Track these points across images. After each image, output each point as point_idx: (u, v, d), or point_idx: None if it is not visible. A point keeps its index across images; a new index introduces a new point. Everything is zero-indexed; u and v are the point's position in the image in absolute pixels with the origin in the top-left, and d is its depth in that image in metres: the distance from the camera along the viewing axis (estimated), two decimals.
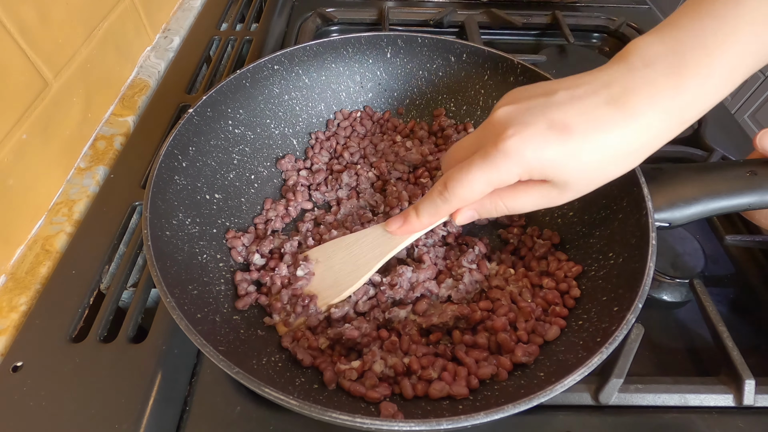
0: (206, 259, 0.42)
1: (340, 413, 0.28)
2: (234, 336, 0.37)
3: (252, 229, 0.48)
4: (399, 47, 0.56)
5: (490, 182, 0.32)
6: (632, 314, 0.32)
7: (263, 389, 0.28)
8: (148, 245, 0.35)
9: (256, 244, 0.46)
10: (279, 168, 0.54)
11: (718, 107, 0.66)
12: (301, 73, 0.55)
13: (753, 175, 0.38)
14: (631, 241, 0.38)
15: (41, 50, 0.48)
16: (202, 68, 0.71)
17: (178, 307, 0.32)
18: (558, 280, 0.42)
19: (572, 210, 0.47)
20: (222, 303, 0.40)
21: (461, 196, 0.33)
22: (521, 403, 0.28)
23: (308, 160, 0.55)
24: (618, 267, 0.38)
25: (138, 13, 0.68)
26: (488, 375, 0.36)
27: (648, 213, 0.37)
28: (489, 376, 0.36)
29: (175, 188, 0.42)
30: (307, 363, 0.38)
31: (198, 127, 0.46)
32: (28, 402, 0.36)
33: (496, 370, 0.36)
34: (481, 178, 0.32)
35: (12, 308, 0.42)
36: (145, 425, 0.36)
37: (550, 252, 0.45)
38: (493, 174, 0.32)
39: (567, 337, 0.37)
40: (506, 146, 0.31)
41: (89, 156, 0.56)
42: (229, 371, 0.29)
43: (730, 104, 1.70)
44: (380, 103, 0.59)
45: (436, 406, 0.34)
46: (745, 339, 0.42)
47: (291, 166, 0.54)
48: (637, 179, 0.39)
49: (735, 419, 0.38)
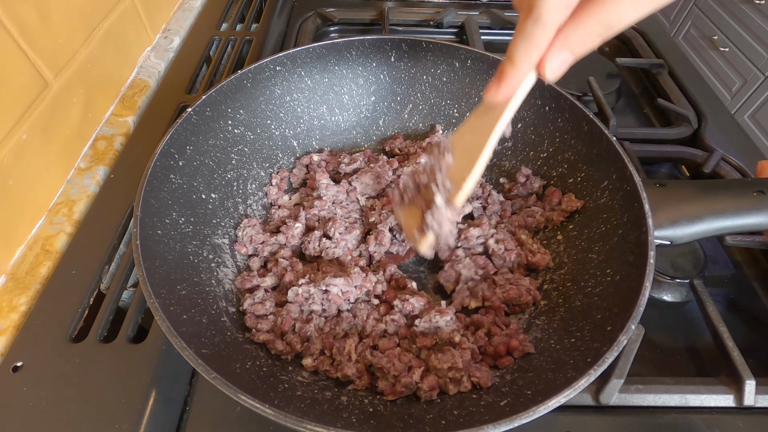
0: (198, 259, 0.42)
1: (315, 424, 0.27)
2: (220, 338, 0.37)
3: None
4: (403, 51, 0.55)
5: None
6: (624, 336, 0.31)
7: (239, 396, 0.28)
8: (136, 244, 0.34)
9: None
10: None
11: (718, 107, 0.67)
12: (304, 74, 0.54)
13: (761, 194, 0.37)
14: (629, 258, 0.37)
15: (41, 50, 0.48)
16: (202, 68, 0.71)
17: (161, 308, 0.31)
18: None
19: (572, 223, 0.47)
20: (211, 304, 0.40)
21: (552, 2, 0.27)
22: (502, 423, 0.28)
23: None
24: (615, 284, 0.38)
25: (138, 14, 0.68)
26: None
27: (648, 230, 0.36)
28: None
29: (170, 187, 0.42)
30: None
31: (197, 127, 0.46)
32: (28, 402, 0.36)
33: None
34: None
35: (12, 308, 0.42)
36: (145, 425, 0.36)
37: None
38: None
39: (558, 355, 0.36)
40: None
41: (89, 156, 0.56)
42: (207, 376, 0.29)
43: (730, 104, 1.70)
44: (383, 107, 0.59)
45: (418, 419, 0.34)
46: (745, 339, 0.42)
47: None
48: (638, 195, 0.38)
49: (735, 419, 0.38)
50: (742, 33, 1.64)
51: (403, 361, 0.38)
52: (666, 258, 0.47)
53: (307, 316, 0.41)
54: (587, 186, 0.46)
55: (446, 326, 0.40)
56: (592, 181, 0.46)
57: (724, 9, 1.71)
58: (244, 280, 0.44)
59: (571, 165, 0.49)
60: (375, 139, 0.60)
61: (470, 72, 0.55)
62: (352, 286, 0.42)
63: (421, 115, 0.59)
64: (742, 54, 1.64)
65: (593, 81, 0.67)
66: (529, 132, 0.52)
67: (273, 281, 0.45)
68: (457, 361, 0.37)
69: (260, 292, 0.43)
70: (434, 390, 0.37)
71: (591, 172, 0.46)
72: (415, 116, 0.59)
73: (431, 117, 0.59)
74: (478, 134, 0.35)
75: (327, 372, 0.39)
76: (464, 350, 0.38)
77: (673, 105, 0.66)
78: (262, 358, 0.38)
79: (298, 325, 0.41)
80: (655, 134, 0.63)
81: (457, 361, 0.37)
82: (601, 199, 0.44)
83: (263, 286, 0.44)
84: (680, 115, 0.64)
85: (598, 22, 0.27)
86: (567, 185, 0.49)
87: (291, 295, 0.42)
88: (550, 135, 0.50)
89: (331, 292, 0.42)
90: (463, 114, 0.57)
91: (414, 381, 0.37)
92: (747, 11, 1.61)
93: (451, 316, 0.40)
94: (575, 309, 0.40)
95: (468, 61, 0.54)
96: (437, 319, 0.40)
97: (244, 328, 0.41)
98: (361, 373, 0.38)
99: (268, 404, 0.28)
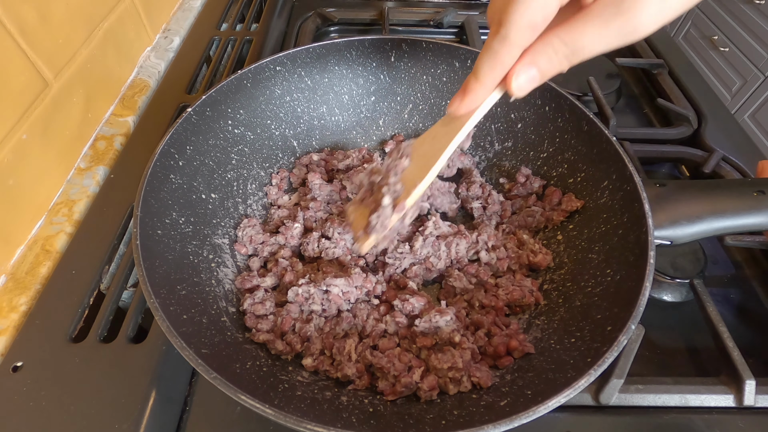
0: (198, 259, 0.42)
1: (315, 424, 0.27)
2: (220, 338, 0.37)
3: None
4: (403, 51, 0.55)
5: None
6: (624, 336, 0.31)
7: (239, 396, 0.28)
8: (136, 244, 0.34)
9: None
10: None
11: (718, 107, 0.67)
12: (304, 74, 0.54)
13: (761, 194, 0.37)
14: (629, 258, 0.37)
15: (41, 50, 0.48)
16: (202, 68, 0.71)
17: (161, 308, 0.31)
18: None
19: (572, 223, 0.47)
20: (211, 304, 0.40)
21: (519, 23, 0.27)
22: (502, 423, 0.28)
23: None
24: (615, 284, 0.38)
25: (138, 14, 0.68)
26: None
27: (648, 230, 0.36)
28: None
29: (170, 187, 0.42)
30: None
31: (197, 127, 0.46)
32: (28, 402, 0.36)
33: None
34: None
35: (12, 308, 0.42)
36: (145, 425, 0.36)
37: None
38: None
39: (558, 355, 0.36)
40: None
41: (89, 156, 0.56)
42: (207, 376, 0.29)
43: (730, 104, 1.70)
44: (383, 107, 0.59)
45: (418, 419, 0.34)
46: (745, 339, 0.42)
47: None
48: (638, 195, 0.38)
49: (735, 419, 0.38)
50: (742, 33, 1.64)
51: (403, 361, 0.38)
52: (666, 258, 0.47)
53: (307, 316, 0.41)
54: (587, 186, 0.46)
55: (446, 326, 0.40)
56: (592, 181, 0.46)
57: (724, 9, 1.71)
58: (244, 280, 0.44)
59: (571, 165, 0.48)
60: (375, 139, 0.60)
61: (470, 72, 0.55)
62: (352, 286, 0.42)
63: (421, 115, 0.59)
64: (742, 54, 1.64)
65: (593, 81, 0.66)
66: (529, 132, 0.52)
67: (273, 281, 0.45)
68: (457, 361, 0.37)
69: (260, 292, 0.43)
70: (434, 390, 0.37)
71: (591, 172, 0.46)
72: (415, 116, 0.59)
73: (431, 117, 0.59)
74: (437, 142, 0.36)
75: (327, 372, 0.39)
76: (464, 350, 0.38)
77: (673, 105, 0.66)
78: (262, 358, 0.38)
79: (298, 325, 0.41)
80: (655, 134, 0.63)
81: (457, 361, 0.37)
82: (601, 199, 0.44)
83: (263, 286, 0.44)
84: (680, 115, 0.64)
85: (564, 44, 0.28)
86: (567, 185, 0.49)
87: (291, 295, 0.42)
88: (550, 135, 0.50)
89: (331, 293, 0.42)
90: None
91: (414, 381, 0.37)
92: (747, 11, 1.61)
93: (451, 315, 0.40)
94: (575, 309, 0.40)
95: (468, 61, 0.54)
96: (437, 318, 0.40)
97: (244, 328, 0.41)
98: (361, 373, 0.38)
99: (268, 404, 0.28)
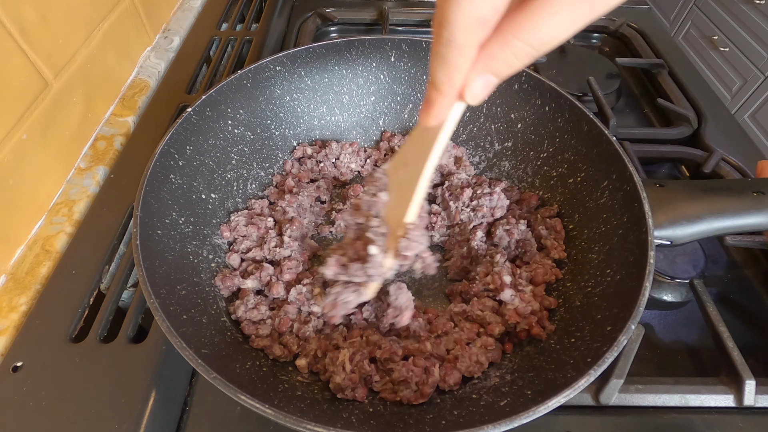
0: (198, 259, 0.42)
1: (315, 424, 0.27)
2: (220, 338, 0.37)
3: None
4: (403, 51, 0.55)
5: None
6: (624, 336, 0.31)
7: (239, 396, 0.28)
8: (136, 244, 0.34)
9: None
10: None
11: (718, 107, 0.67)
12: (304, 74, 0.54)
13: (760, 194, 0.37)
14: (629, 258, 0.37)
15: (41, 50, 0.48)
16: (202, 68, 0.71)
17: (161, 309, 0.31)
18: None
19: (572, 223, 0.47)
20: (211, 304, 0.40)
21: (463, 22, 0.23)
22: (502, 423, 0.28)
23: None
24: (615, 284, 0.38)
25: (138, 14, 0.68)
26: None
27: (648, 231, 0.36)
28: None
29: (170, 187, 0.42)
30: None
31: (196, 127, 0.46)
32: (28, 402, 0.36)
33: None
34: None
35: (12, 308, 0.42)
36: (145, 425, 0.36)
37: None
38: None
39: (558, 355, 0.36)
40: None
41: (89, 156, 0.56)
42: (207, 376, 0.29)
43: (730, 104, 1.70)
44: (383, 107, 0.59)
45: (418, 419, 0.34)
46: (745, 339, 0.42)
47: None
48: (638, 195, 0.38)
49: (735, 419, 0.38)
50: (742, 33, 1.64)
51: (418, 365, 0.37)
52: (666, 258, 0.48)
53: (305, 318, 0.41)
54: (587, 186, 0.46)
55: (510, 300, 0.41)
56: (592, 181, 0.46)
57: (724, 9, 1.71)
58: (225, 278, 0.43)
59: (571, 165, 0.48)
60: (375, 139, 0.60)
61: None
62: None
63: None
64: (742, 54, 1.64)
65: (593, 81, 0.66)
66: (529, 132, 0.52)
67: (254, 284, 0.44)
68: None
69: (251, 297, 0.42)
70: (458, 383, 0.37)
71: (591, 172, 0.46)
72: (415, 116, 0.59)
73: None
74: (411, 168, 0.33)
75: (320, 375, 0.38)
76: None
77: (673, 105, 0.66)
78: (262, 358, 0.38)
79: (296, 325, 0.41)
80: (655, 134, 0.63)
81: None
82: (601, 199, 0.44)
83: (245, 288, 0.43)
84: (680, 115, 0.64)
85: (526, 42, 0.23)
86: (567, 185, 0.49)
87: (293, 294, 0.42)
88: (550, 135, 0.50)
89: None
90: (462, 115, 0.57)
91: (437, 377, 0.37)
92: (747, 11, 1.61)
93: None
94: (575, 309, 0.40)
95: None
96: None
97: None
98: (355, 383, 0.37)
99: (268, 404, 0.28)
